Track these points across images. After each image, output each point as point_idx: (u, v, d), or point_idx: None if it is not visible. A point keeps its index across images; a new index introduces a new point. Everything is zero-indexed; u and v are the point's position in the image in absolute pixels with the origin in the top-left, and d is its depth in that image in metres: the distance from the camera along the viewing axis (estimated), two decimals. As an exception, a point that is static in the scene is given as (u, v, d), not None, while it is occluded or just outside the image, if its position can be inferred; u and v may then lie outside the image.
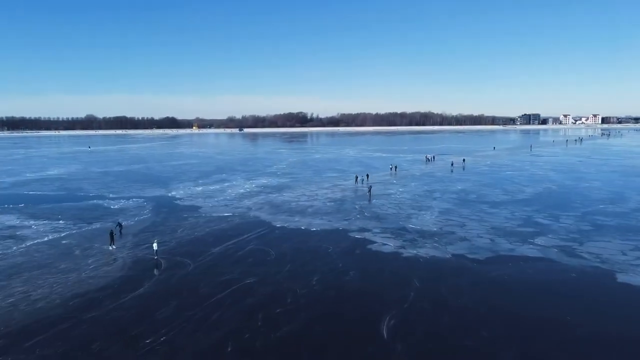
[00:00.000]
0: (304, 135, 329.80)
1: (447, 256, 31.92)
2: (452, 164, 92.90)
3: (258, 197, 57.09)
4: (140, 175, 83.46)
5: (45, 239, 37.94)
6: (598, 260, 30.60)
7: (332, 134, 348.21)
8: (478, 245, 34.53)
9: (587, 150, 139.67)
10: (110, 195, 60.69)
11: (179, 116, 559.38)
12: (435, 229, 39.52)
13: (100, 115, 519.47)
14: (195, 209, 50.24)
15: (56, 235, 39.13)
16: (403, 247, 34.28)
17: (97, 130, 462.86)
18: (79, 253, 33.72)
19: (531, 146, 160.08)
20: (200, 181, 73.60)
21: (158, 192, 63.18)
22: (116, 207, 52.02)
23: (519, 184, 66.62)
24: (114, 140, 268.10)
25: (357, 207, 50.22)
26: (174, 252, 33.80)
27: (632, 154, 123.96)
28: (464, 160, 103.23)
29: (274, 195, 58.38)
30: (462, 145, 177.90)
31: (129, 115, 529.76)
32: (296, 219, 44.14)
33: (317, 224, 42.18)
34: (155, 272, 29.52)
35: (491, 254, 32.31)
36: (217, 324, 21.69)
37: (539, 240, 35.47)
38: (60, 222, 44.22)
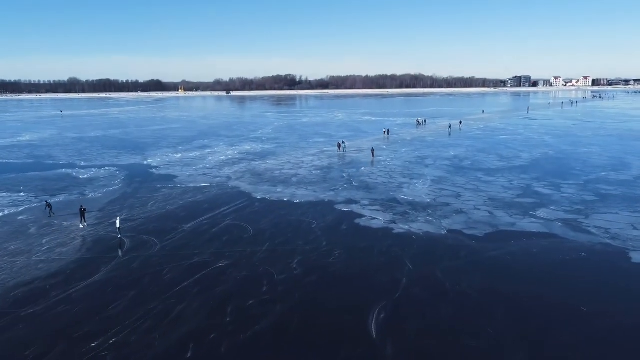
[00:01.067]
0: (292, 98, 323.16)
1: (443, 232, 28.96)
2: (450, 127, 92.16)
3: (239, 165, 53.54)
4: (117, 142, 79.17)
5: (0, 214, 34.35)
6: (607, 236, 27.82)
7: (321, 97, 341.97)
8: (475, 219, 31.59)
9: (581, 113, 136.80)
10: (82, 163, 56.79)
11: (165, 79, 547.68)
12: (428, 200, 36.49)
13: (83, 78, 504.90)
14: (170, 178, 46.67)
15: (13, 209, 35.57)
16: (394, 221, 31.24)
17: (80, 94, 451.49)
18: (34, 231, 30.27)
19: (528, 108, 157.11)
20: (180, 147, 69.68)
21: (133, 159, 59.32)
22: (85, 176, 48.26)
23: (514, 149, 63.63)
24: (96, 103, 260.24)
25: (344, 175, 46.96)
26: (140, 229, 30.47)
27: (627, 116, 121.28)
28: (460, 122, 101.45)
29: (257, 163, 54.85)
30: (453, 108, 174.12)
31: (113, 78, 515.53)
32: (279, 190, 40.84)
33: (301, 195, 38.94)
34: (116, 254, 26.23)
35: (490, 229, 29.41)
36: (179, 321, 18.61)
37: (541, 213, 32.61)
38: (21, 194, 40.55)
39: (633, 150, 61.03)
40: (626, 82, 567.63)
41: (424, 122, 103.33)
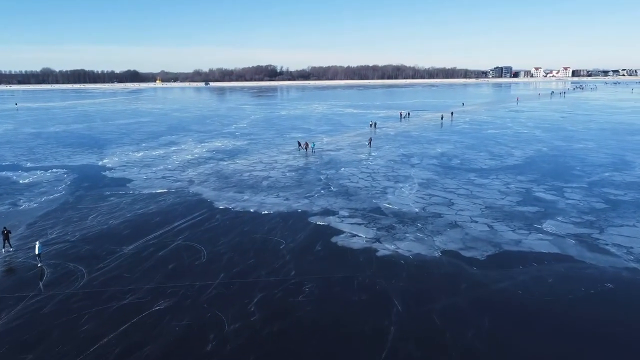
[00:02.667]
0: (272, 89, 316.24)
1: (436, 254, 24.04)
2: (442, 118, 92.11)
3: (205, 166, 47.94)
4: (76, 138, 72.59)
5: None
6: (631, 258, 23.26)
7: (303, 88, 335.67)
8: (473, 234, 26.77)
9: (567, 104, 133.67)
10: (27, 164, 50.54)
11: (143, 70, 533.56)
12: (417, 210, 31.58)
13: (57, 68, 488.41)
14: (123, 183, 40.93)
15: None
16: (377, 239, 26.23)
17: (54, 85, 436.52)
18: None
19: (518, 99, 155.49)
20: (144, 144, 63.62)
21: (88, 159, 53.24)
22: (26, 181, 42.20)
23: (505, 145, 59.20)
24: (69, 95, 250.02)
25: (322, 178, 41.80)
26: (70, 253, 24.93)
27: (613, 108, 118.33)
28: (452, 114, 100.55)
29: (225, 163, 49.31)
30: (436, 99, 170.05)
31: (88, 68, 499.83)
32: (245, 197, 35.51)
33: (270, 204, 33.68)
34: (27, 291, 20.69)
35: (492, 249, 24.59)
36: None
37: (548, 226, 27.96)
38: (-58, 205, 34.48)
39: (630, 146, 57.07)
40: (605, 73, 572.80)
41: (407, 115, 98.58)
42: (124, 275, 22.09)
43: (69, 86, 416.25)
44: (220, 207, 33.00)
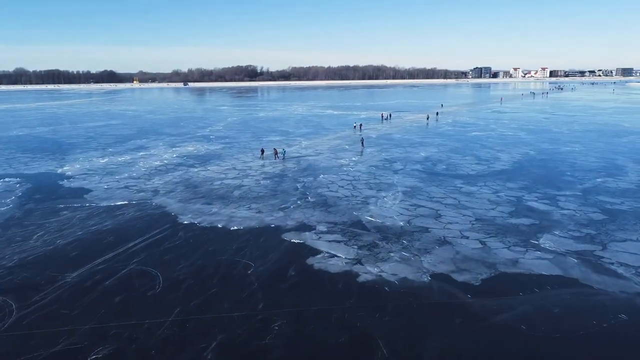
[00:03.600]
0: (252, 90, 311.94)
1: (425, 279, 21.19)
2: (427, 118, 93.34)
3: (174, 173, 44.47)
4: (39, 142, 68.19)
5: None
6: (643, 280, 20.73)
7: (283, 89, 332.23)
8: (465, 253, 24.02)
9: (548, 105, 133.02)
10: (-22, 173, 46.36)
11: (120, 70, 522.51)
12: (401, 224, 28.75)
13: (31, 68, 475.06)
14: (81, 194, 37.28)
15: None
16: (359, 260, 23.29)
17: (27, 85, 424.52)
18: None
19: (502, 99, 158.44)
20: (110, 149, 59.71)
21: (46, 166, 49.28)
22: (-28, 192, 38.22)
23: (490, 148, 56.94)
24: (41, 96, 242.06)
25: (299, 186, 38.75)
26: (3, 282, 21.43)
27: (595, 109, 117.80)
28: (437, 114, 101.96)
29: (196, 170, 45.89)
30: (417, 100, 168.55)
31: (63, 68, 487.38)
32: (214, 210, 32.24)
33: (240, 217, 30.49)
34: (-61, 336, 17.20)
35: (487, 271, 21.86)
36: None
37: (546, 242, 25.40)
38: None
39: (619, 149, 55.32)
40: (581, 73, 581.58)
41: (389, 117, 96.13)
42: (62, 311, 18.73)
43: (43, 87, 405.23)
44: (185, 222, 29.69)
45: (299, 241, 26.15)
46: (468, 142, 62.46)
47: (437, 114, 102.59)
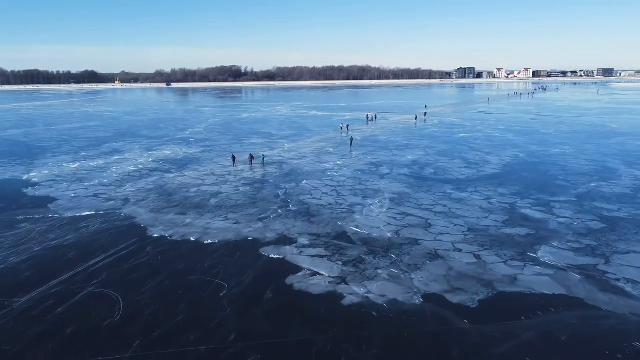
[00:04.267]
0: (236, 90, 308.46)
1: (417, 301, 19.16)
2: (416, 118, 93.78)
3: (148, 180, 41.91)
4: (8, 146, 64.90)
5: None
6: (653, 299, 18.95)
7: (268, 89, 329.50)
8: (459, 269, 22.07)
9: (533, 105, 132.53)
10: (-63, 180, 43.26)
11: (102, 70, 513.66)
12: (389, 235, 26.73)
13: (10, 68, 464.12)
14: (45, 203, 34.59)
15: None
16: (343, 279, 21.18)
17: (4, 86, 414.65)
18: None
19: (489, 99, 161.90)
20: (83, 154, 56.78)
21: (13, 172, 46.32)
22: None
23: (479, 150, 55.31)
24: (19, 96, 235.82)
25: (280, 193, 36.54)
26: (-60, 310, 18.87)
27: (580, 109, 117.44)
28: (425, 114, 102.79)
29: (171, 176, 43.39)
30: (402, 100, 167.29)
31: (42, 68, 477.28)
32: (187, 221, 29.87)
33: (216, 229, 28.18)
34: None
35: (484, 290, 19.91)
36: None
37: (545, 255, 23.58)
38: None
39: (609, 151, 54.08)
40: (564, 74, 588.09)
41: (374, 118, 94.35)
42: (2, 347, 16.26)
43: (22, 87, 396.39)
44: (155, 236, 27.28)
45: (278, 256, 23.96)
46: (455, 144, 60.80)
47: (425, 114, 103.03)
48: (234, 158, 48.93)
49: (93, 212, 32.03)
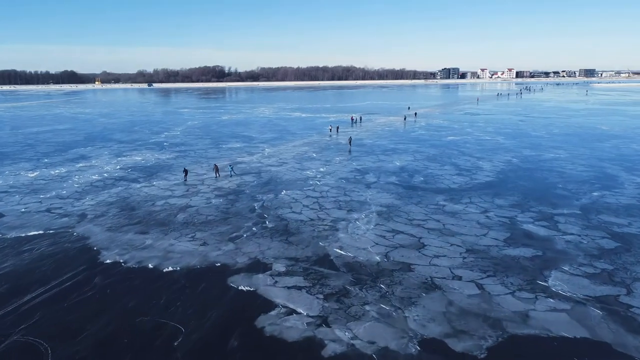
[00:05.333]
0: (220, 91, 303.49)
1: (412, 350, 15.87)
2: (405, 119, 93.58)
3: (111, 191, 38.01)
4: (-34, 152, 60.20)
5: None
6: (693, 343, 15.86)
7: (252, 89, 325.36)
8: (460, 304, 18.80)
9: (520, 106, 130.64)
10: None
11: (82, 70, 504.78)
12: (378, 259, 23.39)
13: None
14: (-12, 220, 30.54)
15: None
16: (324, 319, 17.76)
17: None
18: None
19: (478, 99, 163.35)
20: (46, 160, 52.52)
21: (-39, 183, 41.97)
22: None
23: (470, 155, 52.35)
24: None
25: (256, 206, 33.01)
26: None
27: (568, 110, 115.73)
28: (415, 114, 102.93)
29: (138, 186, 39.54)
30: (387, 101, 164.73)
31: (19, 68, 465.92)
32: (148, 242, 26.18)
33: (179, 253, 24.55)
34: None
35: (493, 333, 16.65)
36: None
37: (556, 282, 20.47)
38: None
39: (605, 156, 51.51)
40: (546, 74, 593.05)
41: (359, 120, 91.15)
42: None
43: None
44: (107, 262, 23.55)
45: (249, 288, 20.43)
46: (445, 148, 57.81)
47: (416, 114, 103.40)
48: (185, 172, 41.74)
49: (41, 232, 28.14)
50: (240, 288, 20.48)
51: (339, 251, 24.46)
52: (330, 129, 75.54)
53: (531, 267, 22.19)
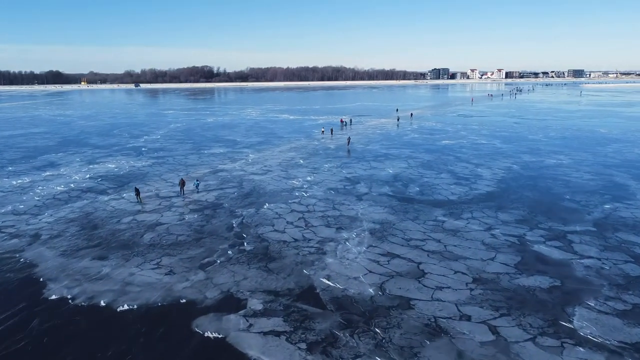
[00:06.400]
0: (207, 91, 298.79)
1: None
2: (398, 120, 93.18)
3: (74, 205, 34.25)
4: None
5: None
6: None
7: (241, 90, 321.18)
8: (472, 355, 15.66)
9: (514, 108, 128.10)
10: None
11: (69, 70, 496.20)
12: (371, 291, 20.03)
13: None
14: None
15: None
16: (308, 379, 14.30)
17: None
18: None
19: (472, 99, 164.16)
20: (10, 168, 48.51)
21: None
22: None
23: (467, 161, 49.21)
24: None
25: (234, 223, 29.50)
26: None
27: (562, 112, 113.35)
28: (411, 115, 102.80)
29: (106, 199, 35.82)
30: (378, 102, 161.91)
31: (3, 68, 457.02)
32: (104, 270, 22.57)
33: (140, 285, 20.97)
34: None
35: (516, 400, 13.28)
36: None
37: (583, 323, 17.28)
38: None
39: (609, 162, 48.63)
40: (535, 74, 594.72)
41: (349, 122, 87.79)
42: None
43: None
44: (52, 298, 19.92)
45: (217, 335, 16.95)
46: (440, 153, 54.64)
47: (412, 115, 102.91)
48: (137, 192, 35.05)
49: (-17, 258, 24.37)
50: (206, 335, 16.98)
51: (326, 282, 21.04)
52: (323, 131, 73.64)
53: (551, 302, 18.94)
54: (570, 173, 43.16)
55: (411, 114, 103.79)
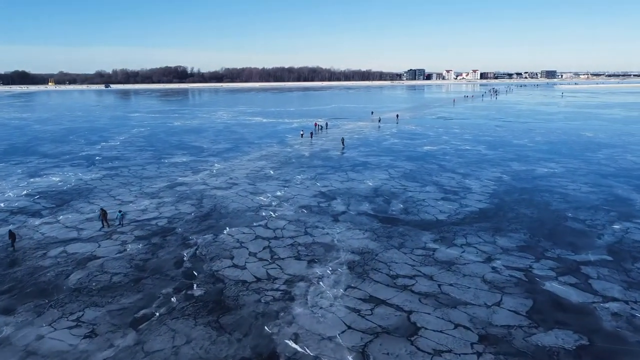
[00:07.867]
0: (181, 92, 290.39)
1: None
2: (379, 120, 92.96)
3: (-4, 232, 28.65)
4: None
5: None
6: None
7: (215, 91, 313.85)
8: None
9: (493, 110, 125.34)
10: None
11: (36, 70, 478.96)
12: (350, 359, 15.31)
13: None
14: None
15: None
16: None
17: None
18: None
19: (454, 100, 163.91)
20: (-64, 183, 42.25)
21: None
22: None
23: (452, 171, 45.07)
24: None
25: (185, 256, 24.46)
26: None
27: (543, 114, 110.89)
28: (397, 116, 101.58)
29: (37, 223, 30.32)
30: (355, 104, 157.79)
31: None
32: (5, 332, 17.29)
33: (45, 355, 15.79)
34: None
35: None
36: None
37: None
38: None
39: (604, 170, 45.11)
40: (509, 75, 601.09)
41: (325, 127, 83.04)
42: None
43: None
44: None
45: None
46: (422, 161, 50.41)
47: (397, 116, 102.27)
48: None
49: None
50: None
51: (294, 345, 16.28)
52: (302, 134, 70.93)
53: (582, 375, 14.53)
54: (566, 185, 39.32)
55: (397, 115, 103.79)
